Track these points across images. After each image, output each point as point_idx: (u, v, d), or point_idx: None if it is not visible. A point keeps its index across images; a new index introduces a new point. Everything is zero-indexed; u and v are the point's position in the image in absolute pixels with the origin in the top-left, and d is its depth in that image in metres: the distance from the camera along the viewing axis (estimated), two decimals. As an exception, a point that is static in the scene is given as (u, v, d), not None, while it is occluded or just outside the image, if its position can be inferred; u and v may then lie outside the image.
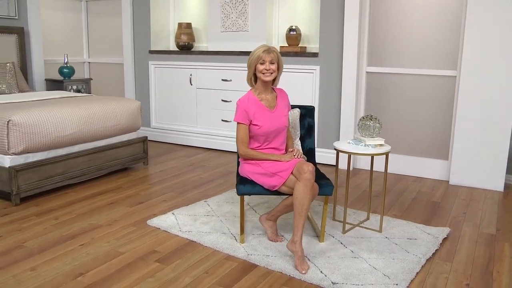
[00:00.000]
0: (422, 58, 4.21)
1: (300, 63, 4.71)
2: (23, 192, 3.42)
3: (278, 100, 2.82)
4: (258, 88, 2.78)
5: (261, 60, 2.67)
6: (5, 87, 4.60)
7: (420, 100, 4.27)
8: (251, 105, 2.72)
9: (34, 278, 2.37)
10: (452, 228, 3.10)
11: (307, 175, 2.46)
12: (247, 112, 2.70)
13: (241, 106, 2.72)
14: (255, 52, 2.69)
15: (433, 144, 4.27)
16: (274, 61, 2.69)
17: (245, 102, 2.73)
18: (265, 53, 2.67)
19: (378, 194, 3.82)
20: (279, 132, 2.77)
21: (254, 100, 2.75)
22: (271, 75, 2.70)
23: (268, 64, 2.67)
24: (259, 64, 2.68)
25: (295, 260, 2.48)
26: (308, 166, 2.48)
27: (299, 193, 2.48)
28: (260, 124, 2.71)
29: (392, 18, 4.29)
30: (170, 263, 2.55)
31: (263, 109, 2.74)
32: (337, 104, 4.56)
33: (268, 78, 2.70)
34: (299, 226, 2.49)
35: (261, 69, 2.68)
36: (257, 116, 2.71)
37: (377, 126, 2.93)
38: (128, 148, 4.31)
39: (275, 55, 2.70)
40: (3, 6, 5.00)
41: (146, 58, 5.66)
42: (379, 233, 2.95)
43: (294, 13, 5.05)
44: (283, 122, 2.77)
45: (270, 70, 2.68)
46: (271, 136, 2.75)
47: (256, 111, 2.72)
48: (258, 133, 2.72)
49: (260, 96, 2.77)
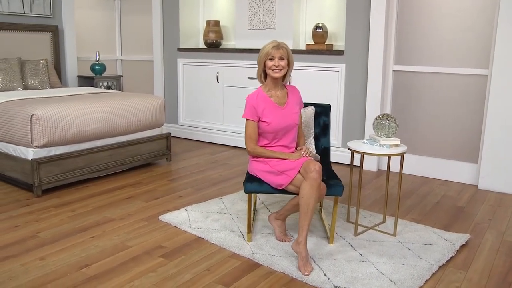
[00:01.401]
0: (451, 56, 4.02)
1: (325, 61, 4.62)
2: (45, 184, 3.53)
3: (289, 97, 2.76)
4: (268, 84, 2.74)
5: (270, 56, 2.62)
6: (37, 83, 4.77)
7: (449, 100, 4.08)
8: (260, 101, 2.68)
9: (41, 267, 2.43)
10: (473, 235, 2.93)
11: (314, 175, 2.40)
12: (256, 109, 2.67)
13: (250, 102, 2.69)
14: (265, 48, 2.65)
15: (462, 146, 4.07)
16: (283, 57, 2.63)
17: (254, 98, 2.69)
18: (274, 49, 2.61)
19: (400, 196, 3.67)
20: (289, 129, 2.71)
21: (263, 96, 2.70)
22: (281, 71, 2.64)
23: (277, 61, 2.62)
24: (268, 60, 2.64)
25: (299, 261, 2.42)
26: (315, 165, 2.42)
27: (305, 193, 2.41)
28: (269, 121, 2.66)
29: (420, 14, 4.12)
30: (174, 258, 2.55)
31: (273, 106, 2.69)
32: (363, 103, 4.44)
33: (277, 75, 2.64)
34: (304, 227, 2.43)
35: (270, 66, 2.63)
36: (266, 113, 2.66)
37: (393, 125, 2.82)
38: (150, 144, 4.37)
39: (284, 51, 2.64)
40: (39, 6, 5.20)
41: (174, 56, 5.73)
42: (392, 237, 2.84)
43: (321, 10, 4.96)
44: (293, 119, 2.71)
45: (279, 66, 2.63)
46: (281, 133, 2.69)
47: (265, 108, 2.67)
48: (267, 130, 2.67)
49: (270, 93, 2.73)
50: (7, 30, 4.92)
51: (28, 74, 4.74)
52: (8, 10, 4.94)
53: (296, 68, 4.80)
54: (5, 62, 4.55)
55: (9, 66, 4.56)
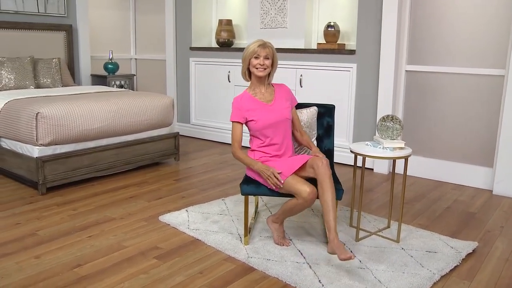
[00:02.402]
0: (466, 56, 3.87)
1: (336, 61, 4.52)
2: (50, 182, 3.55)
3: (276, 93, 2.73)
4: (253, 83, 2.72)
5: (256, 55, 2.60)
6: (49, 81, 4.82)
7: (464, 101, 3.93)
8: (245, 102, 2.67)
9: (35, 266, 2.42)
10: (482, 243, 2.80)
11: (322, 170, 2.40)
12: (241, 110, 2.65)
13: (235, 104, 2.68)
14: (250, 46, 2.63)
15: (476, 150, 3.91)
16: (269, 57, 2.62)
17: (239, 100, 2.69)
18: (260, 47, 2.59)
19: (408, 201, 3.55)
20: (280, 125, 2.64)
21: (248, 97, 2.69)
22: (265, 70, 2.63)
23: (262, 59, 2.60)
24: (253, 59, 2.62)
25: (339, 256, 2.24)
26: (322, 160, 2.42)
27: (321, 191, 2.40)
28: (256, 119, 2.62)
29: (434, 12, 3.98)
30: (168, 260, 2.51)
31: (259, 104, 2.66)
32: (374, 104, 4.32)
33: (261, 74, 2.63)
34: (329, 223, 2.34)
35: (255, 64, 2.61)
36: (252, 112, 2.64)
37: (397, 127, 2.71)
38: (158, 143, 4.35)
39: (270, 50, 2.62)
40: (53, 5, 5.25)
41: (187, 55, 5.71)
42: (395, 243, 2.73)
43: (334, 9, 4.85)
44: (283, 114, 2.65)
45: (264, 65, 2.60)
46: (271, 130, 2.63)
47: (251, 108, 2.65)
48: (256, 128, 2.64)
49: (255, 91, 2.71)
50: (21, 30, 4.99)
51: (40, 73, 4.79)
52: (23, 9, 5.01)
53: (307, 68, 4.72)
54: (18, 61, 4.61)
55: (22, 65, 4.61)
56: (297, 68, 4.77)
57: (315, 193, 2.37)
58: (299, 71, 4.77)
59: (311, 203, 2.39)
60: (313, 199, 2.37)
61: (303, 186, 2.37)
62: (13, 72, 4.54)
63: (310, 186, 2.37)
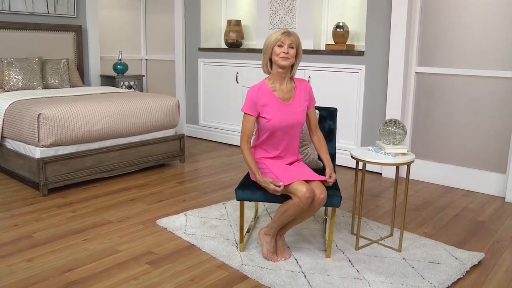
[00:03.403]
0: (479, 57, 3.72)
1: (345, 62, 4.41)
2: (51, 183, 3.54)
3: (296, 92, 2.51)
4: (274, 76, 2.49)
5: (280, 43, 2.40)
6: (57, 82, 4.83)
7: (476, 105, 3.78)
8: (262, 95, 2.46)
9: (27, 269, 2.40)
10: (489, 254, 2.67)
11: (316, 205, 2.34)
12: (255, 103, 2.45)
13: (250, 95, 2.47)
14: (273, 35, 2.43)
15: (489, 155, 3.76)
16: (293, 46, 2.41)
17: (255, 91, 2.47)
18: (285, 35, 2.40)
19: (415, 207, 3.43)
20: (291, 128, 2.48)
21: (266, 90, 2.47)
22: (288, 60, 2.41)
23: (287, 47, 2.39)
24: (276, 47, 2.40)
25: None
26: (321, 194, 2.32)
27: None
28: (269, 117, 2.44)
29: (445, 12, 3.84)
30: (160, 266, 2.46)
31: (275, 101, 2.46)
32: (383, 107, 4.20)
33: (285, 63, 2.40)
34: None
35: (278, 52, 2.40)
36: (267, 109, 2.45)
37: (399, 132, 2.61)
38: (163, 145, 4.31)
39: (295, 39, 2.43)
40: (63, 5, 5.27)
41: (196, 56, 5.67)
42: (397, 253, 2.62)
43: (343, 9, 4.75)
44: (297, 118, 2.48)
45: (288, 54, 2.39)
46: (280, 132, 2.48)
47: (266, 103, 2.45)
48: (266, 127, 2.46)
49: (274, 86, 2.49)
50: (31, 30, 5.02)
51: (48, 73, 4.80)
52: (32, 10, 5.03)
53: (315, 69, 4.62)
54: (26, 62, 4.64)
55: (30, 66, 4.63)
56: (305, 69, 4.68)
57: (311, 193, 2.27)
58: (307, 72, 4.68)
59: (305, 204, 2.28)
60: (309, 198, 2.26)
61: (299, 186, 2.28)
62: (21, 72, 4.56)
63: (307, 186, 2.28)
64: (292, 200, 2.30)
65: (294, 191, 2.28)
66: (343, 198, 3.52)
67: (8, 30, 4.86)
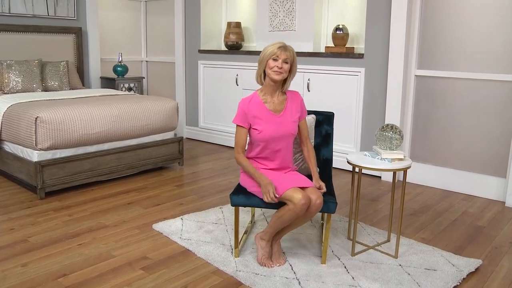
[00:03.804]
0: (480, 60, 3.69)
1: (344, 65, 4.39)
2: (49, 186, 3.54)
3: (287, 103, 2.54)
4: (266, 88, 2.52)
5: (275, 56, 2.40)
6: (57, 84, 4.83)
7: (476, 108, 3.75)
8: (253, 107, 2.49)
9: (21, 274, 2.39)
10: (487, 260, 2.64)
11: (312, 210, 2.33)
12: (247, 115, 2.48)
13: (241, 107, 2.50)
14: (269, 48, 2.43)
15: (489, 159, 3.73)
16: (288, 61, 2.42)
17: (246, 103, 2.50)
18: (281, 49, 2.40)
19: (413, 212, 3.41)
20: (283, 140, 2.50)
21: (257, 101, 2.50)
22: (281, 74, 2.42)
23: (281, 62, 2.40)
24: (271, 60, 2.42)
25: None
26: (316, 200, 2.31)
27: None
28: (260, 129, 2.47)
29: (446, 15, 3.81)
30: (154, 272, 2.45)
31: (266, 113, 2.49)
32: (382, 110, 4.17)
33: (277, 77, 2.42)
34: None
35: (272, 66, 2.41)
36: (258, 120, 2.47)
37: (396, 137, 2.58)
38: (161, 148, 4.31)
39: (291, 54, 2.43)
40: (63, 7, 5.28)
41: (195, 58, 5.66)
42: (393, 259, 2.60)
43: (344, 11, 4.72)
44: (289, 129, 2.50)
45: (281, 69, 2.40)
46: (273, 144, 2.49)
47: (257, 115, 2.48)
48: (258, 138, 2.49)
49: (265, 98, 2.52)
50: (31, 33, 5.02)
51: (48, 76, 4.81)
52: (32, 12, 5.04)
53: (314, 72, 4.60)
54: (25, 64, 4.64)
55: (29, 68, 4.64)
56: (305, 72, 4.66)
57: (307, 200, 2.26)
58: (306, 75, 4.66)
59: (301, 211, 2.26)
60: (305, 205, 2.25)
61: (295, 192, 2.27)
62: (21, 75, 4.56)
63: (303, 193, 2.27)
64: (288, 206, 2.28)
65: (289, 197, 2.27)
66: (341, 202, 3.51)
67: (8, 32, 4.86)
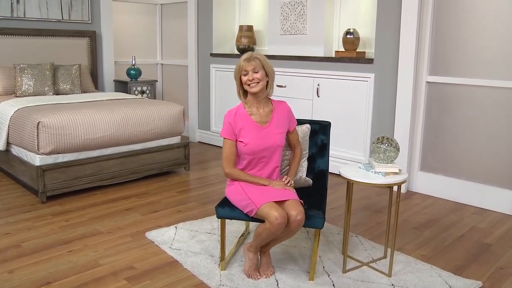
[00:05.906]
0: (494, 67, 3.50)
1: (353, 70, 4.26)
2: (50, 191, 3.56)
3: (273, 115, 2.50)
4: (249, 101, 2.50)
5: (244, 71, 2.41)
6: (68, 87, 4.89)
7: (490, 117, 3.55)
8: (238, 119, 2.46)
9: (6, 281, 2.40)
10: (488, 283, 2.48)
11: (293, 227, 2.24)
12: (232, 127, 2.45)
13: (227, 119, 2.48)
14: (238, 63, 2.44)
15: (503, 170, 3.53)
16: (257, 70, 2.40)
17: (232, 115, 2.47)
18: (245, 62, 2.40)
19: (418, 226, 3.26)
20: (270, 152, 2.45)
21: (242, 114, 2.47)
22: (258, 84, 2.41)
23: (251, 74, 2.39)
24: (242, 76, 2.43)
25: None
26: (297, 215, 2.21)
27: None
28: (246, 142, 2.43)
29: (458, 20, 3.63)
30: (137, 283, 2.41)
31: (252, 125, 2.45)
32: (392, 117, 4.02)
33: (255, 89, 2.41)
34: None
35: (245, 81, 2.42)
36: (244, 133, 2.44)
37: (391, 150, 2.46)
38: (167, 153, 4.29)
39: (257, 62, 2.41)
40: (77, 11, 5.34)
41: (208, 61, 5.63)
42: (386, 278, 2.47)
43: (356, 15, 4.59)
44: (275, 140, 2.45)
45: (254, 80, 2.39)
46: (259, 156, 2.44)
47: (243, 127, 2.44)
48: (244, 151, 2.44)
49: (251, 110, 2.49)
50: (45, 36, 5.11)
51: (60, 79, 4.86)
52: (47, 16, 5.12)
53: (324, 77, 4.49)
54: (38, 68, 4.71)
55: (42, 71, 4.70)
56: (315, 77, 4.55)
57: (283, 218, 2.17)
58: (316, 80, 4.55)
59: (278, 230, 2.19)
60: (281, 224, 2.17)
61: (271, 210, 2.19)
62: (33, 78, 4.64)
63: (279, 211, 2.19)
64: (265, 225, 2.22)
65: (266, 215, 2.19)
66: (342, 213, 3.39)
67: (23, 36, 4.96)
